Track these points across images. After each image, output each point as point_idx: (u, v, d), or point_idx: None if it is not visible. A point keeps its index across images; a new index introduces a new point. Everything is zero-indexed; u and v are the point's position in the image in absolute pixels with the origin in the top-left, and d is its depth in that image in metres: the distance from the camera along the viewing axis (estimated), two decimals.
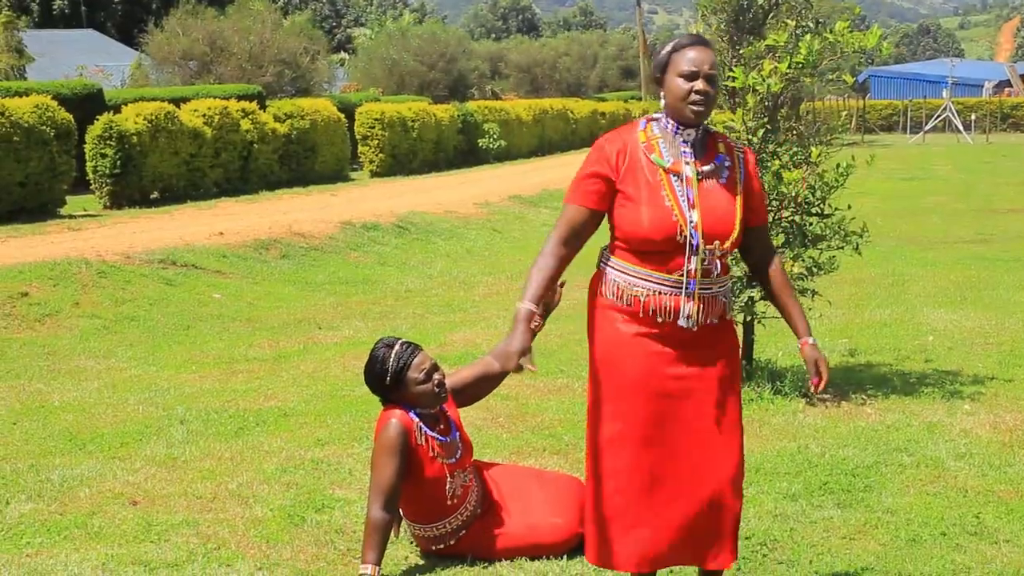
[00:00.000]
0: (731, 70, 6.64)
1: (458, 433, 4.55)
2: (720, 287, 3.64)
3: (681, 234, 3.53)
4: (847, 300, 10.15)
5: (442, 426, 4.48)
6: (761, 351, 7.44)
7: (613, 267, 3.64)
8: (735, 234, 3.60)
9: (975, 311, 9.70)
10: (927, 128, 47.97)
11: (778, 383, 6.82)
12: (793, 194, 6.62)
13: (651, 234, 3.53)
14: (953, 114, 47.12)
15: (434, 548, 4.51)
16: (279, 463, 5.78)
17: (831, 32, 6.55)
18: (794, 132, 6.91)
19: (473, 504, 4.53)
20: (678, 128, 3.62)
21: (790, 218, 6.77)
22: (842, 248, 6.79)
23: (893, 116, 54.83)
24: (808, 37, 6.49)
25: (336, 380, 7.65)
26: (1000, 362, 7.77)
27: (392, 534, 4.39)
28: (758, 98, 6.56)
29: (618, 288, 3.61)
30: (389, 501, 4.27)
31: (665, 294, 3.56)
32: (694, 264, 3.55)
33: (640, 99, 46.47)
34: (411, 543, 4.64)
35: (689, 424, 3.63)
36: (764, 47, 6.64)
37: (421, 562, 4.52)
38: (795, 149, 6.73)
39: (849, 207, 6.88)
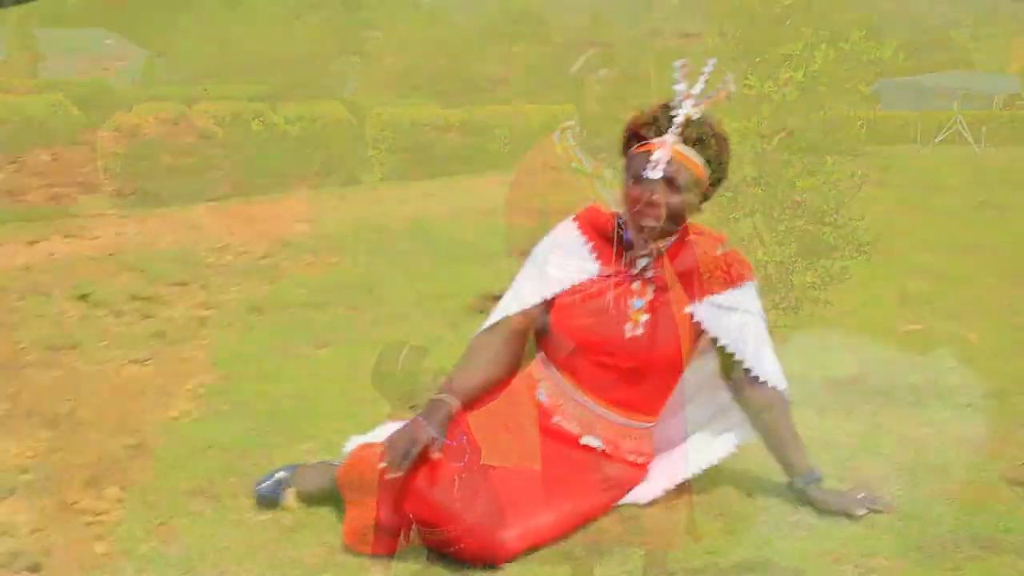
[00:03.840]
0: (746, 78, 6.64)
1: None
2: None
3: None
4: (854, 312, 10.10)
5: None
6: None
7: None
8: None
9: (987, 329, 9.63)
10: (937, 140, 47.86)
11: None
12: (806, 203, 6.63)
13: None
14: (963, 126, 47.01)
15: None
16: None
17: (846, 41, 6.55)
18: (807, 141, 6.91)
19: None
20: None
21: (803, 227, 6.78)
22: (855, 258, 6.78)
23: (902, 127, 54.70)
24: (824, 46, 6.49)
25: (344, 382, 7.64)
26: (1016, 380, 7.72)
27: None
28: (773, 107, 6.56)
29: None
30: None
31: None
32: None
33: None
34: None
35: None
36: (779, 56, 6.64)
37: (427, 565, 4.51)
38: (809, 158, 6.73)
39: (863, 217, 6.87)
